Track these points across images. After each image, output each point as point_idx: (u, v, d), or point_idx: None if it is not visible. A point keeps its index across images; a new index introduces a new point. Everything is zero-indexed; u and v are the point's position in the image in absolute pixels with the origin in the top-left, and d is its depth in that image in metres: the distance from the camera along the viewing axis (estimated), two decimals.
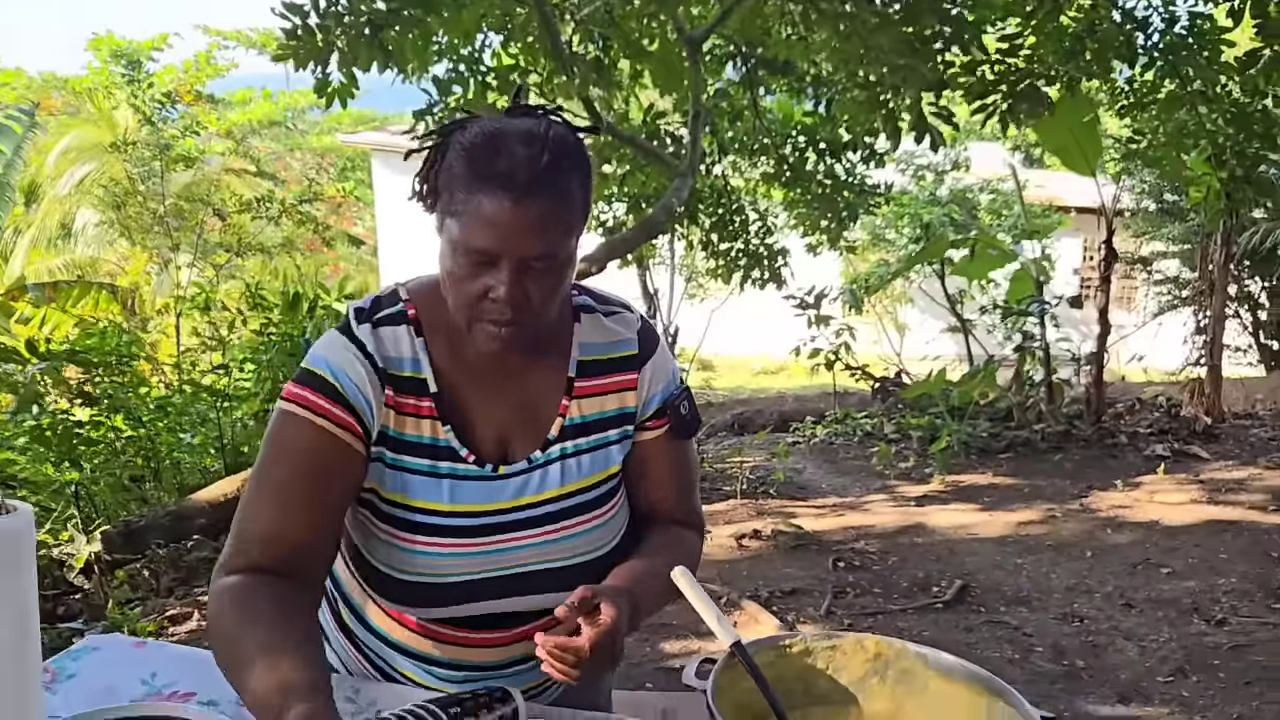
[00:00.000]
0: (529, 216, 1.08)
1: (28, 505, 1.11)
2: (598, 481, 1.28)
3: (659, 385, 1.31)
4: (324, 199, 11.98)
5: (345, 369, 1.17)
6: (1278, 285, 10.46)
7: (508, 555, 1.24)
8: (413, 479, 1.21)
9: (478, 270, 1.11)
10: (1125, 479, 6.18)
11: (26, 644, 1.10)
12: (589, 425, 1.28)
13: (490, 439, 1.24)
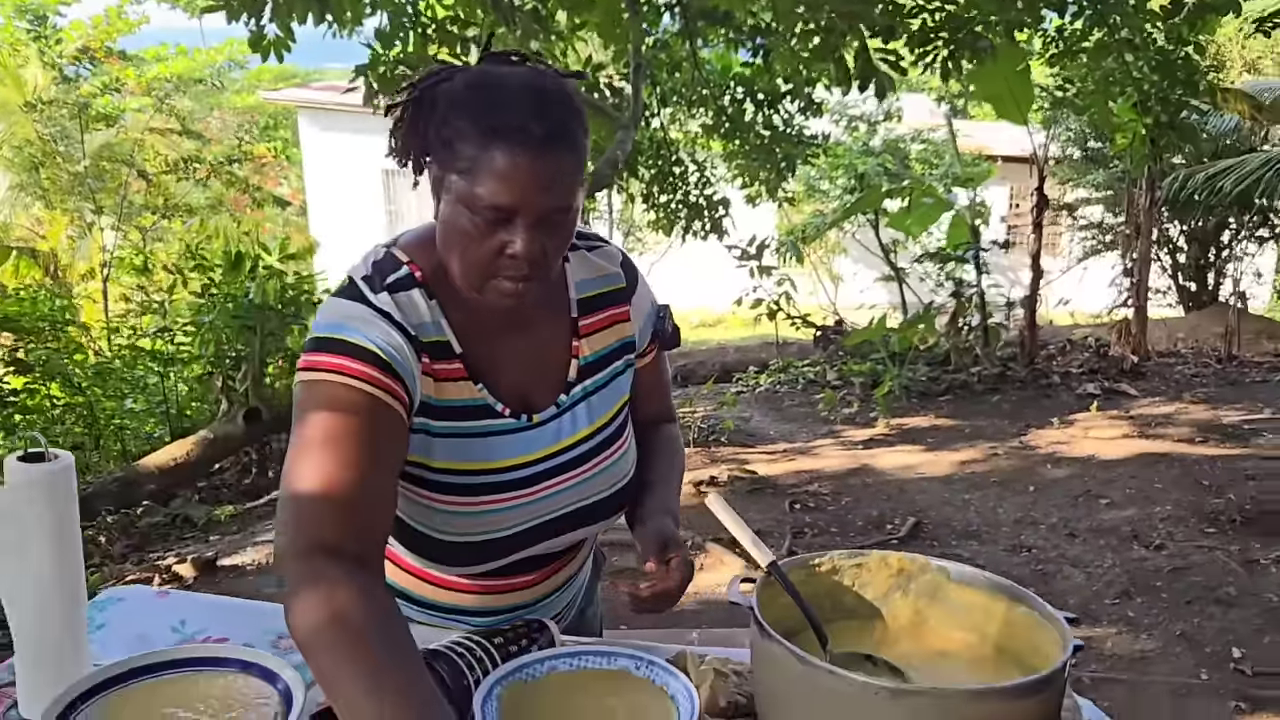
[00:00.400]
0: (548, 171, 1.05)
1: (69, 453, 1.11)
2: (615, 413, 1.31)
3: (646, 313, 1.35)
4: (252, 159, 11.64)
5: (383, 338, 1.11)
6: (1195, 229, 10.83)
7: (550, 501, 1.25)
8: (461, 442, 1.19)
9: (494, 227, 1.07)
10: (1060, 417, 6.41)
11: (74, 578, 1.11)
12: (599, 361, 1.30)
13: (513, 392, 1.23)
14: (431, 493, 1.19)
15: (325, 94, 16.69)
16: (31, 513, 1.05)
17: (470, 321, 1.19)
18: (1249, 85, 9.97)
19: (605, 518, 1.31)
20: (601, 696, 1.13)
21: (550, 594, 1.36)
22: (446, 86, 1.10)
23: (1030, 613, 1.10)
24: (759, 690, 1.07)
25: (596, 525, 1.32)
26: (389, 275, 1.16)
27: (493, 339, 1.21)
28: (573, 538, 1.31)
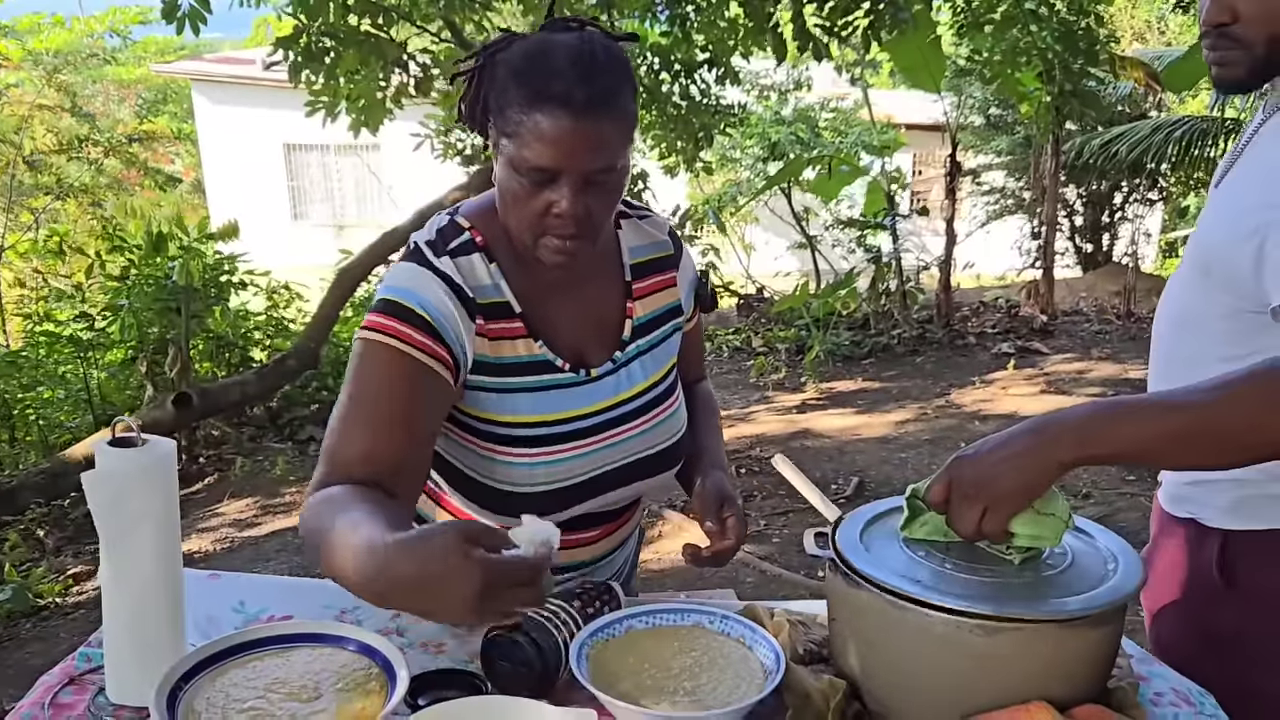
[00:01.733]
0: (588, 133, 1.11)
1: (168, 439, 1.11)
2: (666, 373, 1.38)
3: (690, 281, 1.43)
4: (150, 135, 11.17)
5: (435, 303, 1.18)
6: (1091, 193, 11.32)
7: (609, 452, 1.32)
8: (520, 397, 1.25)
9: (539, 188, 1.14)
10: (980, 376, 6.67)
11: (175, 563, 1.11)
12: (651, 323, 1.37)
13: (570, 349, 1.29)
14: (495, 445, 1.25)
15: (220, 66, 16.10)
16: (137, 498, 1.05)
17: (529, 283, 1.26)
18: (1141, 53, 10.44)
19: (661, 471, 1.38)
20: (682, 651, 1.18)
21: (611, 552, 1.42)
22: (504, 55, 1.16)
23: None
24: (840, 635, 1.14)
25: (653, 480, 1.38)
26: (451, 241, 1.24)
27: (550, 299, 1.28)
28: (632, 491, 1.37)
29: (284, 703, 1.03)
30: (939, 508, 1.09)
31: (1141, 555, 1.51)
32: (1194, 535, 1.38)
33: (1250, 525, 1.32)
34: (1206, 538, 1.36)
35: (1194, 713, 1.13)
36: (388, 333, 1.17)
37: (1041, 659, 1.01)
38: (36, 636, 3.44)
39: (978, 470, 1.06)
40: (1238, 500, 1.32)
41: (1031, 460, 1.03)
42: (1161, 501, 1.48)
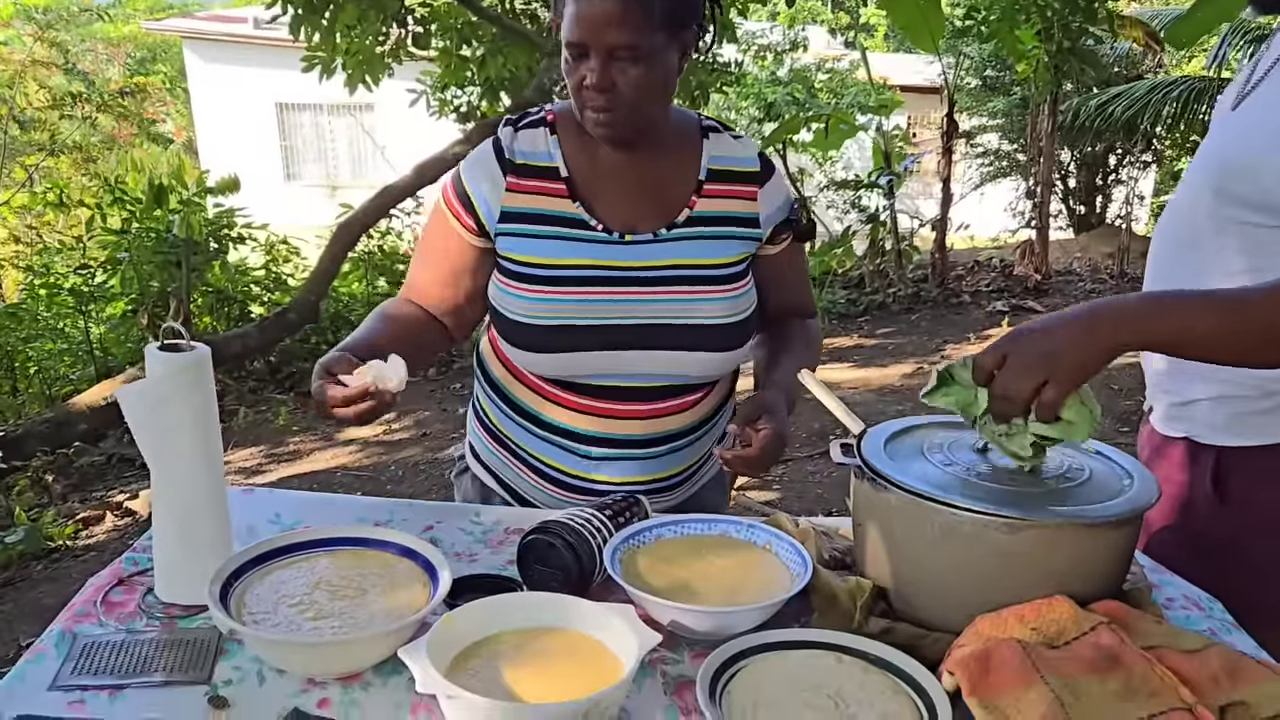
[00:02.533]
0: (605, 10, 1.25)
1: (203, 345, 1.13)
2: (717, 264, 1.44)
3: (775, 207, 1.49)
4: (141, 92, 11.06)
5: (475, 171, 1.43)
6: (1086, 155, 11.31)
7: (625, 306, 1.40)
8: (544, 243, 1.40)
9: (577, 64, 1.30)
10: (975, 332, 6.72)
11: (217, 465, 1.15)
12: (713, 219, 1.45)
13: (619, 217, 1.42)
14: (513, 281, 1.41)
15: (211, 24, 15.92)
16: (177, 399, 1.08)
17: (591, 158, 1.43)
18: (1140, 12, 10.40)
19: (686, 348, 1.42)
20: (709, 558, 1.22)
21: (654, 438, 1.46)
22: None
23: None
24: (866, 539, 1.17)
25: (676, 354, 1.42)
26: (526, 118, 1.46)
27: (608, 174, 1.43)
28: (650, 360, 1.42)
29: (331, 599, 1.07)
30: (985, 375, 1.10)
31: None
32: (1188, 453, 1.42)
33: (1244, 441, 1.35)
34: (1201, 454, 1.40)
35: (1204, 616, 1.18)
36: (445, 201, 1.46)
37: (1063, 558, 1.05)
38: (48, 577, 3.48)
39: (1044, 345, 1.07)
40: (1231, 416, 1.36)
41: (1090, 339, 1.05)
42: (1155, 423, 1.51)
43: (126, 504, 4.00)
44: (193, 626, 1.09)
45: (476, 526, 1.37)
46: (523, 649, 1.00)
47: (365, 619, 1.03)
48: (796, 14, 12.21)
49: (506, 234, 1.42)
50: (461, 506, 1.44)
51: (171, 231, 5.37)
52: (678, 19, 1.31)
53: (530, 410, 1.49)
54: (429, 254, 1.50)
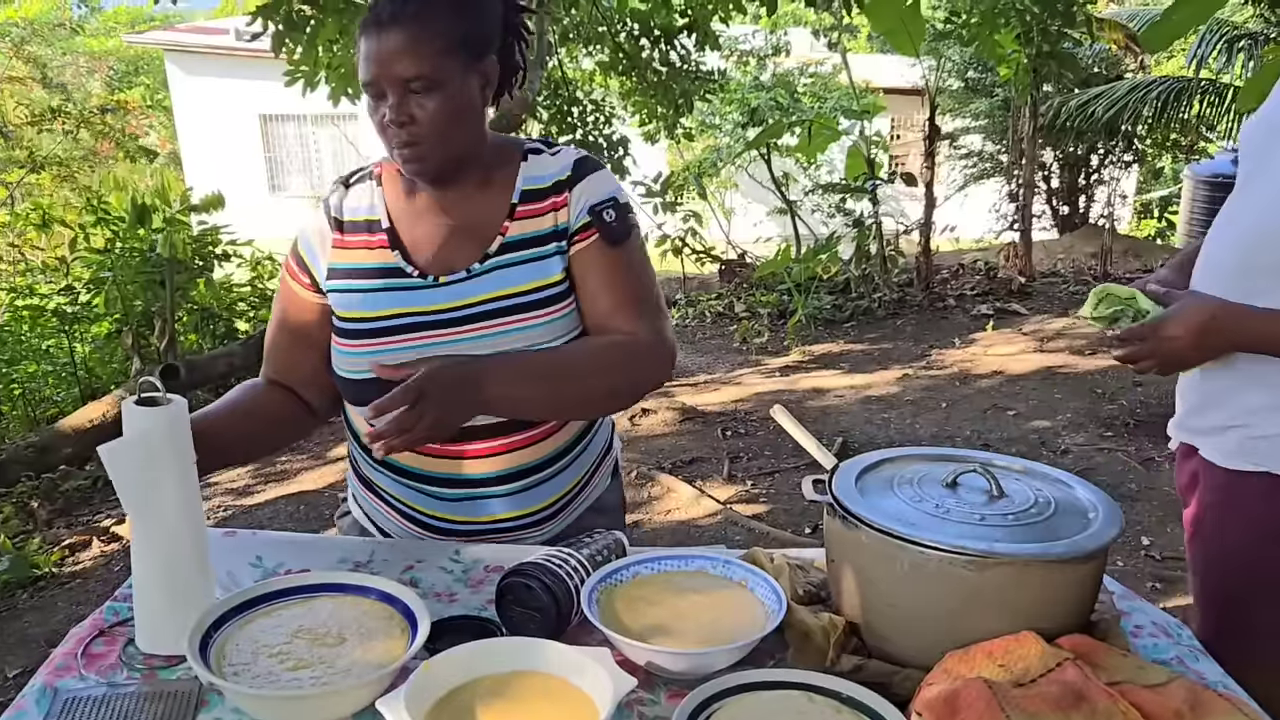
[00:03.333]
0: (391, 44, 1.27)
1: (180, 397, 1.14)
2: (534, 288, 1.39)
3: (589, 199, 1.42)
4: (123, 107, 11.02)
5: (309, 235, 1.47)
6: (1069, 156, 11.37)
7: (451, 349, 1.38)
8: (358, 296, 1.42)
9: (376, 103, 1.32)
10: (961, 337, 6.75)
11: (198, 516, 1.15)
12: (526, 241, 1.41)
13: (435, 259, 1.42)
14: (341, 338, 1.44)
15: (193, 36, 15.87)
16: (156, 454, 1.09)
17: (408, 202, 1.45)
18: (1117, 13, 10.47)
19: None
20: (686, 595, 1.24)
21: (507, 474, 1.44)
22: None
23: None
24: (839, 575, 1.19)
25: None
26: (357, 173, 1.49)
27: (424, 217, 1.44)
28: None
29: (310, 648, 1.08)
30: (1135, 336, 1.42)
31: (1185, 516, 1.57)
32: (1265, 488, 1.38)
33: None
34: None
35: (1172, 643, 1.20)
36: (286, 267, 1.51)
37: (1030, 594, 1.07)
38: (34, 606, 3.47)
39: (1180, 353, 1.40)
40: None
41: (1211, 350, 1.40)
42: (1214, 458, 1.46)
43: (113, 529, 4.00)
44: (173, 678, 1.10)
45: (456, 565, 1.39)
46: (501, 694, 1.01)
47: (344, 668, 1.04)
48: (779, 19, 12.26)
49: (333, 290, 1.44)
50: (442, 545, 1.44)
51: (155, 251, 5.36)
52: (470, 47, 1.32)
53: (392, 460, 1.48)
54: (277, 321, 1.52)
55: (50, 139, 9.88)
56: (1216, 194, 10.59)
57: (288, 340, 1.51)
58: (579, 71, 9.20)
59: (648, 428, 5.04)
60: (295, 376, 1.51)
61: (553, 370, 1.37)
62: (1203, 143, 11.73)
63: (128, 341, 5.34)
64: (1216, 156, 11.27)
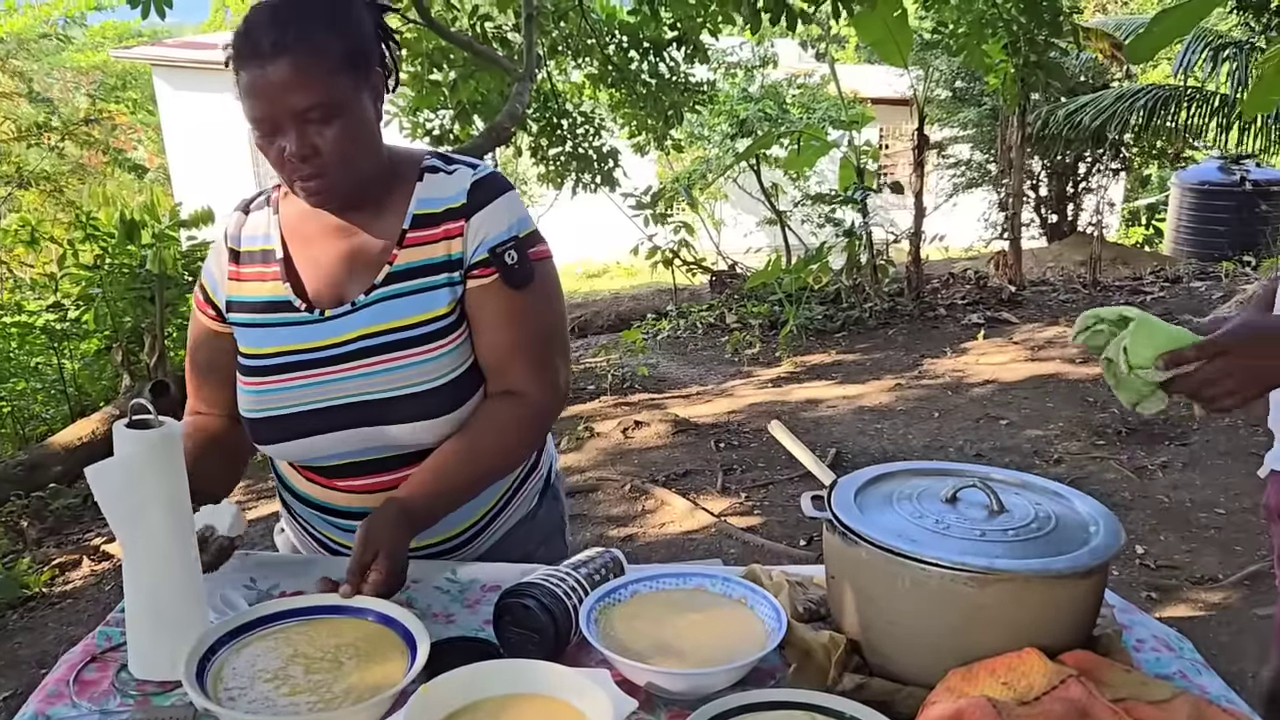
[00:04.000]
0: (281, 75, 1.19)
1: (173, 419, 1.13)
2: (419, 321, 1.35)
3: (488, 235, 1.36)
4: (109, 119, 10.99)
5: (210, 263, 1.45)
6: (1056, 164, 11.43)
7: (330, 387, 1.35)
8: (252, 331, 1.39)
9: (270, 138, 1.24)
10: (952, 346, 6.77)
11: (189, 539, 1.14)
12: (414, 271, 1.35)
13: (326, 289, 1.38)
14: (240, 375, 1.41)
15: (181, 51, 15.86)
16: (148, 478, 1.07)
17: (301, 229, 1.40)
18: (1103, 22, 10.54)
19: (393, 421, 1.35)
20: (686, 614, 1.23)
21: None
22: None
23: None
24: (839, 593, 1.19)
25: (386, 429, 1.36)
26: (255, 199, 1.46)
27: (315, 243, 1.39)
28: (378, 435, 1.36)
29: (307, 672, 1.07)
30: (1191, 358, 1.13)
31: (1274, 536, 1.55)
32: None
33: None
34: None
35: (1174, 657, 1.19)
36: (195, 299, 1.48)
37: (1031, 610, 1.06)
38: (24, 627, 3.44)
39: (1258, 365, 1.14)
40: None
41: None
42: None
43: (104, 548, 3.97)
44: (167, 704, 1.08)
45: (453, 585, 1.37)
46: (499, 717, 1.00)
47: (342, 692, 1.03)
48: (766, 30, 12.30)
49: (236, 324, 1.41)
50: (439, 564, 1.43)
51: (144, 266, 5.33)
52: (357, 62, 1.26)
53: (292, 487, 1.50)
54: (192, 355, 1.49)
55: (37, 154, 9.83)
56: (1203, 201, 10.69)
57: (202, 376, 1.48)
58: (569, 84, 9.21)
59: (641, 440, 5.03)
60: (225, 410, 1.47)
61: (469, 477, 1.36)
62: (1189, 150, 11.81)
63: (117, 358, 5.31)
64: (1203, 163, 11.36)
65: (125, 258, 5.38)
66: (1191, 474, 4.27)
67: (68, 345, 5.44)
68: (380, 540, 1.21)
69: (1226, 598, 3.25)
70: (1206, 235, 10.49)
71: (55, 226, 6.60)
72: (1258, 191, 10.30)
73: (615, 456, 4.72)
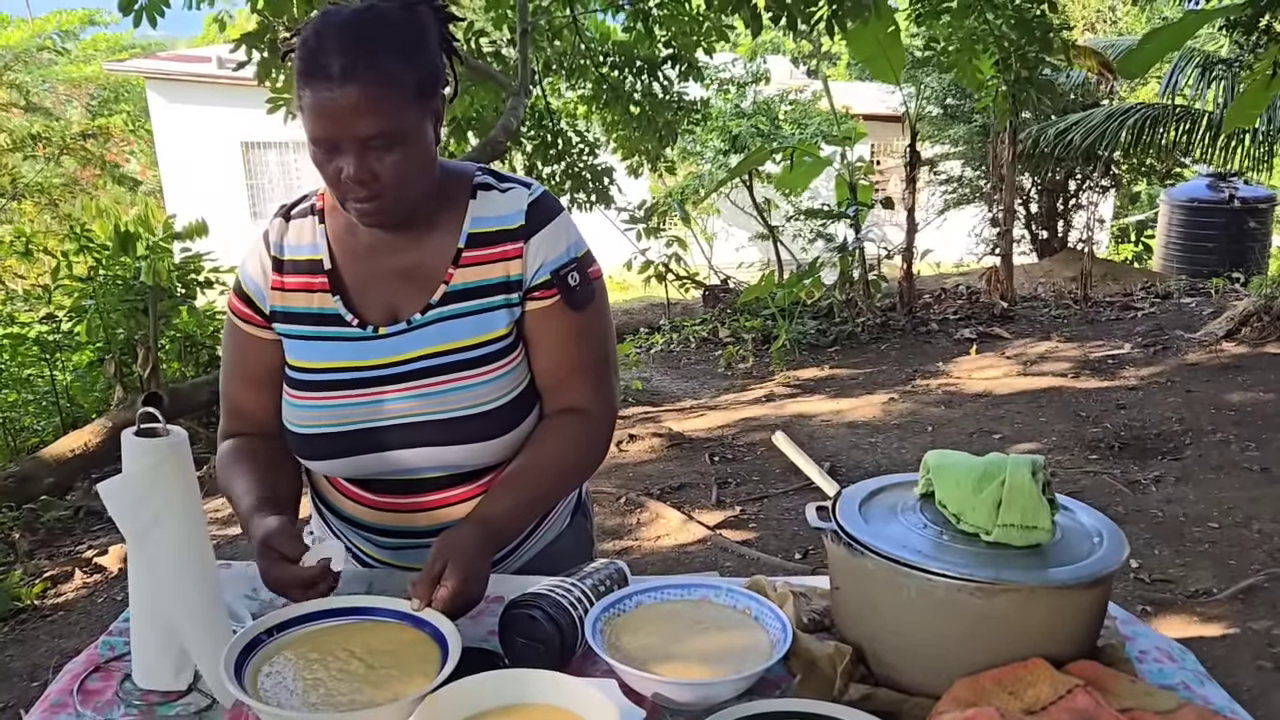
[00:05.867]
0: (350, 101, 1.17)
1: (179, 428, 1.13)
2: (477, 343, 1.35)
3: (548, 257, 1.35)
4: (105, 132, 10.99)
5: (249, 268, 1.40)
6: (1046, 181, 11.50)
7: (384, 406, 1.34)
8: (306, 344, 1.37)
9: (330, 156, 1.23)
10: (944, 361, 6.79)
11: (205, 545, 1.14)
12: (471, 291, 1.35)
13: (379, 306, 1.36)
14: (288, 388, 1.39)
15: (174, 64, 15.87)
16: (159, 488, 1.07)
17: (352, 242, 1.38)
18: (1093, 42, 10.62)
19: (448, 443, 1.35)
20: (690, 625, 1.23)
21: (441, 528, 1.38)
22: (298, 38, 1.23)
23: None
24: (844, 603, 1.19)
25: (441, 450, 1.36)
26: (297, 205, 1.42)
27: (368, 258, 1.37)
28: (425, 457, 1.36)
29: (340, 673, 1.07)
30: None
31: None
32: None
33: None
34: None
35: (1177, 668, 1.20)
36: (231, 308, 1.43)
37: (1037, 620, 1.07)
38: (15, 640, 3.42)
39: None
40: None
41: None
42: None
43: (96, 560, 3.95)
44: (171, 714, 1.08)
45: None
46: None
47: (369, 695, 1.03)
48: (758, 46, 12.38)
49: (285, 335, 1.39)
50: None
51: (138, 278, 5.33)
52: (425, 90, 1.24)
53: (328, 500, 1.49)
54: (235, 372, 1.44)
55: (31, 166, 9.82)
56: (1191, 218, 10.76)
57: (249, 391, 1.43)
58: (563, 103, 9.23)
59: (635, 454, 5.03)
60: (270, 424, 1.42)
61: (545, 492, 1.39)
62: (1178, 168, 11.89)
63: (110, 370, 5.30)
64: (1192, 181, 11.44)
65: (119, 270, 5.37)
66: (1185, 488, 4.29)
67: (60, 357, 5.43)
68: (455, 555, 1.19)
69: (1221, 612, 3.26)
70: (1195, 252, 10.57)
71: (49, 238, 6.58)
72: (1246, 209, 10.39)
73: (609, 470, 4.71)
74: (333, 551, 1.22)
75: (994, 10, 7.44)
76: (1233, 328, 6.80)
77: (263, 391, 1.42)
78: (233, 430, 1.46)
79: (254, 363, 1.41)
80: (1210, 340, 6.75)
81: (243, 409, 1.44)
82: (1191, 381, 5.85)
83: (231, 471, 1.39)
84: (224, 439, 1.46)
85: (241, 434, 1.44)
